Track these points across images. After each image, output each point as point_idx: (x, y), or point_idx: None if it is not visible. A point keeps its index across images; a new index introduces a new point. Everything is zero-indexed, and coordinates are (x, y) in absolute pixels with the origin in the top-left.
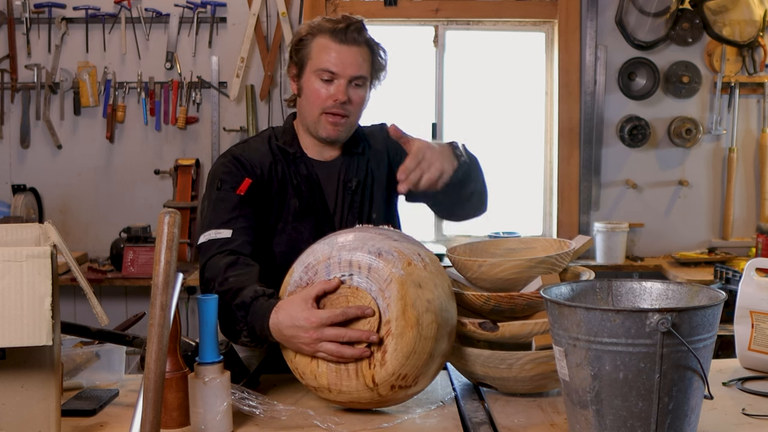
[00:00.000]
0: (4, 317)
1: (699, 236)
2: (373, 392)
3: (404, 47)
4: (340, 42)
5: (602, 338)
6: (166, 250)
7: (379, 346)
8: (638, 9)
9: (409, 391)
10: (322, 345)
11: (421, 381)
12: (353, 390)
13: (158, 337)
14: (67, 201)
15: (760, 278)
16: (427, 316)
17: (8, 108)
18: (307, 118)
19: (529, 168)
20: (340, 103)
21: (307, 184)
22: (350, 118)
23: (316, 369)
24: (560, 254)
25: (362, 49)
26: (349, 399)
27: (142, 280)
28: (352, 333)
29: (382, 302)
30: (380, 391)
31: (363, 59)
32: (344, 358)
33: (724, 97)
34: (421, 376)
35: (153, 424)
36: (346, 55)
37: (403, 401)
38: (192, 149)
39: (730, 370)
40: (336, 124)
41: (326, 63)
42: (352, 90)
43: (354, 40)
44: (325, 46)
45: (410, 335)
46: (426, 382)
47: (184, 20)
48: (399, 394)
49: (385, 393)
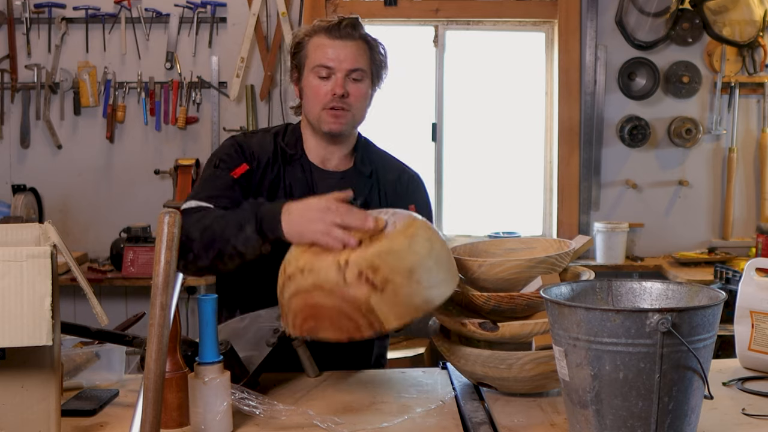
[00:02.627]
0: (4, 317)
1: (699, 236)
2: (339, 274)
3: (404, 47)
4: (334, 38)
5: (602, 338)
6: (166, 250)
7: (370, 238)
8: (638, 9)
9: (372, 299)
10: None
11: (387, 294)
12: (323, 267)
13: (158, 337)
14: (67, 201)
15: (760, 278)
16: (425, 243)
17: (8, 108)
18: (310, 116)
19: (529, 168)
20: (338, 97)
21: (300, 187)
22: (351, 112)
23: (302, 254)
24: (560, 254)
25: (358, 43)
26: (314, 281)
27: (142, 280)
28: (355, 214)
29: (391, 220)
30: (347, 275)
31: (359, 53)
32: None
33: (724, 97)
34: (391, 288)
35: (153, 424)
36: (341, 49)
37: (361, 311)
38: (192, 149)
39: (730, 370)
40: (337, 117)
41: (322, 59)
42: (351, 84)
43: (348, 35)
44: (320, 44)
45: (400, 240)
46: (393, 312)
47: (184, 20)
48: (361, 289)
49: (350, 279)
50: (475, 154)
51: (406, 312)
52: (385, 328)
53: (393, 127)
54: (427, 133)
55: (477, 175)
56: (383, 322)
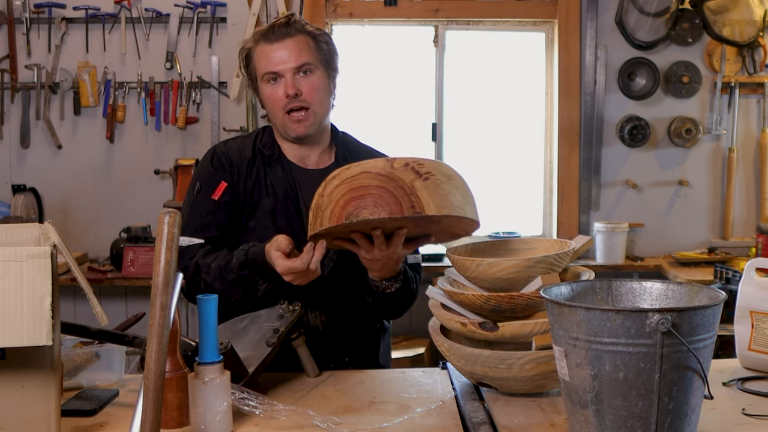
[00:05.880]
0: (4, 317)
1: (699, 236)
2: (387, 163)
3: (404, 47)
4: (272, 41)
5: (602, 338)
6: (166, 250)
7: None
8: (638, 9)
9: (416, 183)
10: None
11: (430, 184)
12: (371, 161)
13: (158, 337)
14: (67, 201)
15: (760, 278)
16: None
17: (8, 108)
18: (276, 123)
19: (529, 168)
20: (293, 97)
21: (282, 186)
22: (312, 108)
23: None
24: (559, 254)
25: (296, 40)
26: (361, 169)
27: (142, 280)
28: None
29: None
30: (394, 164)
31: (300, 48)
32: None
33: (724, 97)
34: (433, 180)
35: (153, 424)
36: (281, 50)
37: (405, 191)
38: (192, 149)
39: (730, 370)
40: (300, 120)
41: (267, 65)
42: (301, 80)
43: (285, 34)
44: (262, 51)
45: (441, 162)
46: (433, 200)
47: (184, 20)
48: (407, 174)
49: (397, 166)
50: (475, 154)
51: (444, 205)
52: (425, 212)
53: (393, 127)
54: (427, 133)
55: (477, 175)
56: (424, 207)
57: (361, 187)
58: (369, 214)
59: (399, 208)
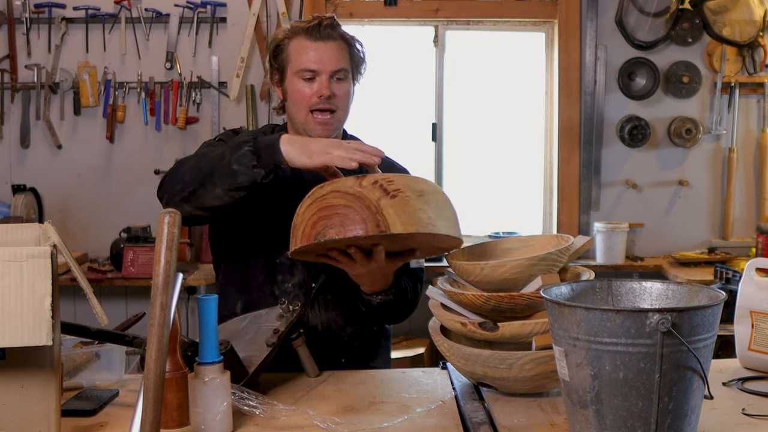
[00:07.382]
0: (4, 317)
1: (699, 236)
2: (356, 181)
3: (404, 47)
4: (315, 39)
5: (602, 338)
6: (166, 250)
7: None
8: (638, 9)
9: (382, 201)
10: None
11: (397, 201)
12: (342, 179)
13: (158, 337)
14: (67, 201)
15: (760, 278)
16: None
17: (8, 108)
18: (296, 120)
19: (529, 168)
20: (325, 98)
21: (289, 182)
22: (337, 113)
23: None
24: (560, 249)
25: (338, 44)
26: (332, 188)
27: (142, 280)
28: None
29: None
30: (363, 182)
31: (341, 53)
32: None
33: (724, 97)
34: (401, 197)
35: (153, 424)
36: (324, 50)
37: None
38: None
39: (730, 370)
40: (324, 123)
41: (306, 62)
42: (335, 84)
43: (329, 36)
44: (302, 46)
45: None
46: (400, 218)
47: (184, 20)
48: (374, 192)
49: (365, 184)
50: (475, 154)
51: (411, 222)
52: (390, 230)
53: (393, 127)
54: (427, 133)
55: (477, 175)
56: (389, 225)
57: (329, 207)
58: (335, 234)
59: (364, 228)
